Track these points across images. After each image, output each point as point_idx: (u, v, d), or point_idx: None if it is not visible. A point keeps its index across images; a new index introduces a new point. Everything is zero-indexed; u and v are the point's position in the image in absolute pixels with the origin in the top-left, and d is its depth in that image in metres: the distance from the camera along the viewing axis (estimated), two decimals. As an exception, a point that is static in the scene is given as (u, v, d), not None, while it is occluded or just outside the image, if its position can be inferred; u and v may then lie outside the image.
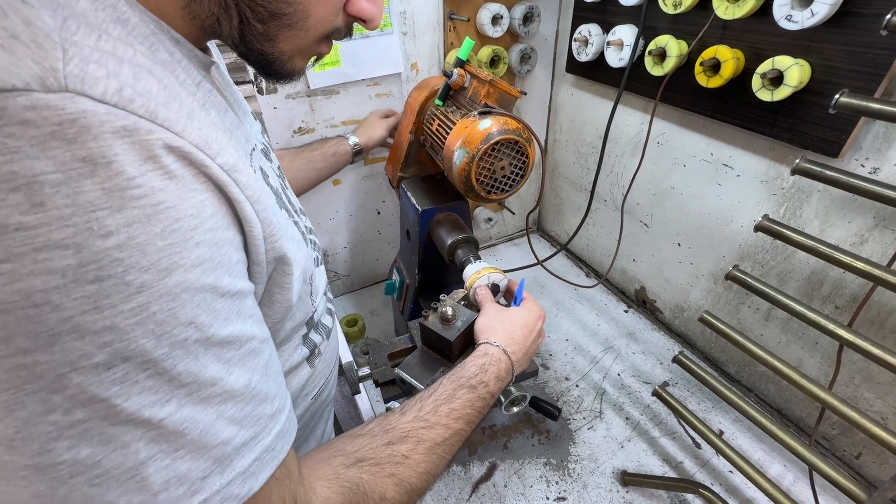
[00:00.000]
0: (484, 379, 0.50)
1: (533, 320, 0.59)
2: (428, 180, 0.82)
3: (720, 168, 0.80)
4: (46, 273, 0.21)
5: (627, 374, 0.93)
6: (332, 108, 0.93)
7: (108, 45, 0.24)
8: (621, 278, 1.13)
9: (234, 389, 0.28)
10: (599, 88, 1.00)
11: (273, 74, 0.38)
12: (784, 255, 0.74)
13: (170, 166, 0.25)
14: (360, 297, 1.21)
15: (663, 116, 0.86)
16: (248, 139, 0.39)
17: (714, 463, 0.77)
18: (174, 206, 0.25)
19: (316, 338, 0.49)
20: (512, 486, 0.76)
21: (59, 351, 0.22)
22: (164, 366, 0.25)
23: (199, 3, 0.31)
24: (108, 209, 0.22)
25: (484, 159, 0.61)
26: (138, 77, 0.25)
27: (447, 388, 0.47)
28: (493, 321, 0.57)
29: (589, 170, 1.11)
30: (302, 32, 0.35)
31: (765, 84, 0.61)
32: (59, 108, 0.21)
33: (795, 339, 0.77)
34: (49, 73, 0.21)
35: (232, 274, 0.29)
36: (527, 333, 0.57)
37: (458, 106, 0.69)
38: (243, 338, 0.29)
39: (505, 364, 0.53)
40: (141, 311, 0.23)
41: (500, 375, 0.52)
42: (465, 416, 0.46)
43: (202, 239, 0.26)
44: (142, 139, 0.23)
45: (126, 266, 0.23)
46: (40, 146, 0.20)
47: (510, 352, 0.54)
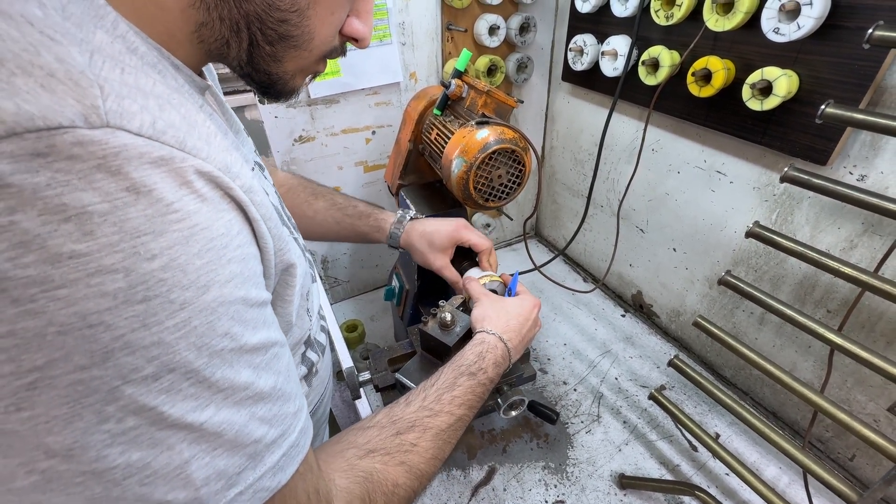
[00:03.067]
0: (482, 366, 0.52)
1: (528, 309, 0.61)
2: (427, 188, 0.83)
3: (713, 175, 0.81)
4: (99, 296, 0.22)
5: (625, 378, 0.94)
6: (332, 117, 0.94)
7: (131, 77, 0.25)
8: (618, 283, 1.15)
9: (263, 391, 0.30)
10: (595, 97, 1.02)
11: (274, 94, 0.40)
12: (776, 261, 0.75)
13: (201, 190, 0.26)
14: (359, 303, 1.22)
15: (657, 124, 0.88)
16: (247, 158, 0.40)
17: (711, 466, 0.78)
18: (208, 227, 0.26)
19: (312, 356, 0.50)
20: (511, 489, 0.76)
21: (112, 366, 0.23)
22: (204, 374, 0.27)
23: (211, 28, 0.32)
24: (152, 234, 0.24)
25: (481, 168, 0.62)
26: (163, 108, 0.26)
27: (448, 377, 0.49)
28: (488, 310, 0.59)
29: (585, 176, 1.13)
30: (306, 53, 0.37)
31: (754, 94, 0.63)
32: (102, 142, 0.22)
33: (789, 343, 0.78)
34: (91, 111, 0.22)
35: (258, 286, 0.31)
36: (522, 322, 0.59)
37: (455, 115, 0.71)
38: (269, 343, 0.31)
39: (501, 351, 0.55)
40: (184, 326, 0.25)
41: (498, 361, 0.54)
42: (466, 402, 0.48)
43: (233, 255, 0.28)
44: (176, 167, 0.25)
45: (170, 285, 0.25)
46: (87, 179, 0.22)
47: (506, 339, 0.56)
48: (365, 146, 1.01)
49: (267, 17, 0.33)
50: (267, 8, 0.32)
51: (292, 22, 0.34)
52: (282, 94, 0.40)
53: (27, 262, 0.21)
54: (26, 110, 0.20)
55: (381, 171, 1.06)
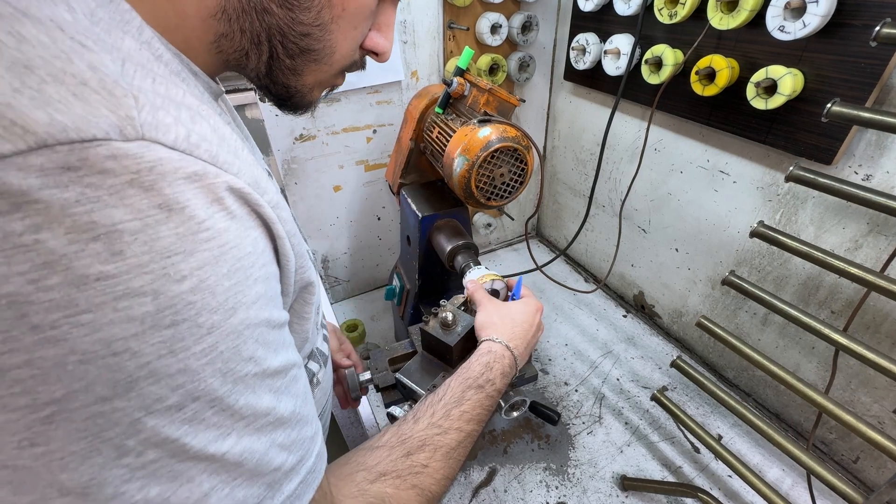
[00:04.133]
0: (490, 377, 0.50)
1: (532, 314, 0.60)
2: (428, 187, 0.83)
3: (716, 174, 0.81)
4: (126, 321, 0.21)
5: (626, 379, 0.94)
6: (333, 116, 0.94)
7: (162, 87, 0.24)
8: (620, 283, 1.14)
9: (283, 416, 0.29)
10: (597, 96, 1.01)
11: (291, 106, 0.39)
12: (780, 261, 0.75)
13: (231, 207, 0.25)
14: (360, 302, 1.21)
15: (660, 124, 0.88)
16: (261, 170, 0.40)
17: (713, 467, 0.77)
18: (237, 246, 0.25)
19: (314, 366, 0.49)
20: (512, 490, 0.76)
21: (135, 396, 0.22)
22: (227, 402, 0.25)
23: (231, 39, 0.31)
24: (182, 253, 0.23)
25: (483, 167, 0.62)
26: (194, 120, 0.25)
27: (456, 391, 0.48)
28: (492, 317, 0.58)
29: (587, 176, 1.12)
30: (326, 67, 0.36)
31: (759, 93, 0.62)
32: (137, 156, 0.21)
33: (792, 344, 0.78)
34: (126, 122, 0.21)
35: (279, 306, 0.30)
36: (527, 328, 0.58)
37: (457, 114, 0.70)
38: (289, 366, 0.30)
39: (509, 360, 0.53)
40: (210, 352, 0.24)
41: (505, 371, 0.52)
42: (475, 416, 0.47)
43: (259, 275, 0.27)
44: (210, 183, 0.24)
45: (199, 308, 0.23)
46: (119, 195, 0.21)
47: (512, 347, 0.54)
48: (366, 145, 1.01)
49: (289, 31, 0.32)
50: (290, 22, 0.32)
51: (315, 36, 0.33)
52: (299, 107, 0.39)
53: (51, 285, 0.19)
54: (59, 121, 0.19)
55: (382, 171, 1.06)
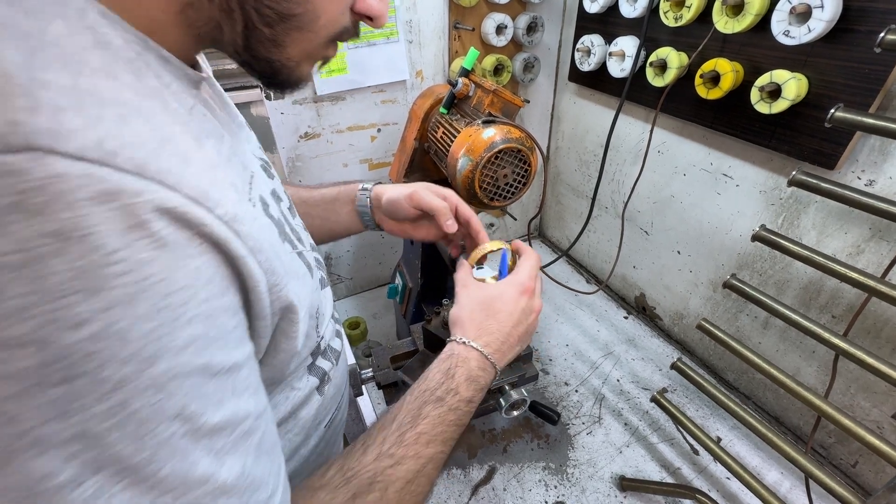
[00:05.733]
0: (451, 386, 0.42)
1: (513, 297, 0.47)
2: (432, 186, 0.83)
3: (719, 178, 0.81)
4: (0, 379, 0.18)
5: (626, 380, 0.94)
6: (338, 114, 0.94)
7: (87, 81, 0.20)
8: (621, 285, 1.14)
9: (226, 483, 0.24)
10: (601, 98, 1.02)
11: (280, 84, 0.34)
12: (782, 265, 0.75)
13: (161, 232, 0.21)
14: (362, 300, 1.22)
15: (664, 126, 0.88)
16: (246, 164, 0.34)
17: (712, 469, 0.78)
18: (164, 280, 0.21)
19: (325, 364, 0.45)
20: (511, 489, 0.76)
21: (13, 473, 0.18)
22: (145, 472, 0.21)
23: (199, 8, 0.28)
24: (81, 293, 0.19)
25: (487, 167, 0.62)
26: (125, 120, 0.21)
27: (411, 408, 0.40)
28: (462, 309, 0.48)
29: (590, 177, 1.13)
30: (312, 35, 0.31)
31: (763, 97, 0.62)
32: (22, 172, 0.17)
33: (793, 348, 0.78)
34: (9, 129, 0.17)
35: (227, 346, 0.25)
36: (505, 318, 0.47)
37: (462, 114, 0.71)
38: (237, 419, 0.26)
39: (476, 362, 0.44)
40: (119, 411, 0.20)
41: (473, 376, 0.44)
42: (438, 435, 0.39)
43: (196, 313, 0.23)
44: (128, 203, 0.20)
45: (102, 360, 0.19)
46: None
47: (481, 345, 0.45)
48: (370, 144, 1.01)
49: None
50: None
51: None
52: (288, 84, 0.34)
53: None
54: None
55: (387, 169, 1.06)
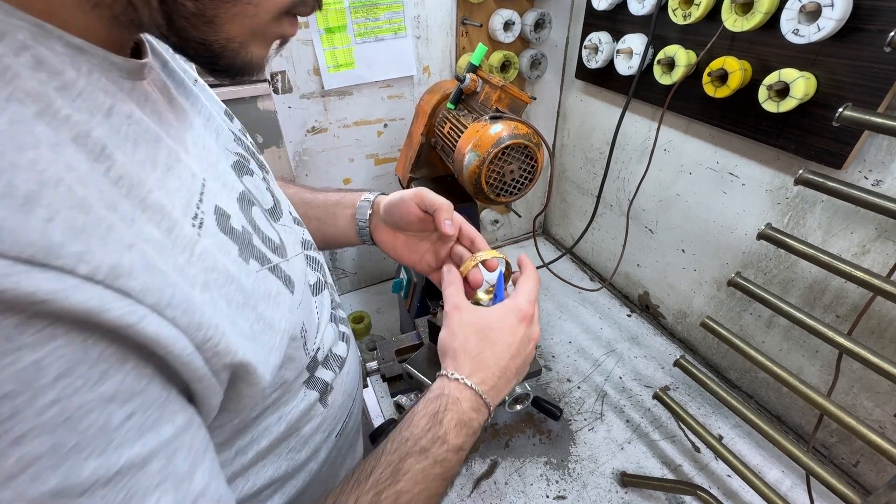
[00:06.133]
0: (438, 434, 0.37)
1: (511, 324, 0.42)
2: (438, 182, 0.83)
3: (725, 176, 0.81)
4: None
5: (629, 378, 0.94)
6: (345, 109, 0.95)
7: None
8: (625, 283, 1.15)
9: None
10: (608, 95, 1.02)
11: (225, 70, 0.29)
12: (787, 264, 0.75)
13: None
14: (366, 295, 1.23)
15: (670, 124, 0.88)
16: (196, 173, 0.29)
17: (713, 467, 0.78)
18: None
19: (326, 374, 0.42)
20: (513, 483, 0.77)
21: None
22: None
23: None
24: None
25: (494, 163, 0.63)
26: None
27: (391, 460, 0.36)
28: (454, 338, 0.41)
29: (596, 175, 1.13)
30: (251, 8, 0.27)
31: (771, 96, 0.62)
32: None
33: (796, 347, 0.78)
34: None
35: (111, 446, 0.20)
36: (503, 347, 0.41)
37: (469, 110, 0.71)
38: None
39: (469, 402, 0.38)
40: None
41: (464, 420, 0.38)
42: (421, 493, 0.35)
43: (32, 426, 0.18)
44: None
45: None
46: None
47: (476, 382, 0.39)
48: (377, 139, 1.01)
49: None
50: None
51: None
52: (234, 70, 0.29)
53: None
54: None
55: (392, 165, 1.07)
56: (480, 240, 0.51)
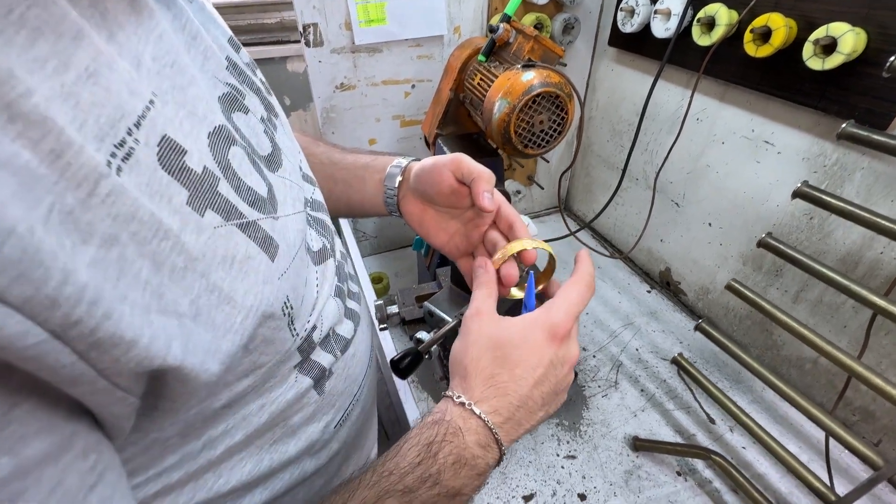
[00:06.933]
0: (430, 471, 0.30)
1: (537, 343, 0.33)
2: (464, 138, 0.83)
3: (760, 145, 0.79)
4: None
5: (646, 350, 0.94)
6: (374, 67, 0.95)
7: None
8: (647, 259, 1.13)
9: None
10: (641, 63, 0.99)
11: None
12: (819, 235, 0.73)
13: None
14: (385, 259, 1.24)
15: (705, 92, 0.86)
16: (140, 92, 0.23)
17: (727, 438, 0.77)
18: None
19: (324, 358, 0.36)
20: (523, 441, 0.77)
21: None
22: None
23: None
24: None
25: (524, 111, 0.62)
26: None
27: (367, 497, 0.30)
28: (467, 349, 0.34)
29: (623, 148, 1.11)
30: None
31: (816, 52, 0.60)
32: None
33: (823, 322, 0.76)
34: None
35: None
36: (525, 371, 0.32)
37: (500, 61, 0.70)
38: None
39: (475, 435, 0.31)
40: None
41: (466, 457, 0.31)
42: None
43: None
44: None
45: None
46: None
47: (486, 411, 0.31)
48: (403, 100, 1.02)
49: None
50: None
51: None
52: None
53: None
54: None
55: (417, 128, 1.07)
56: (521, 225, 0.43)
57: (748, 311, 0.89)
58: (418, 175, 0.46)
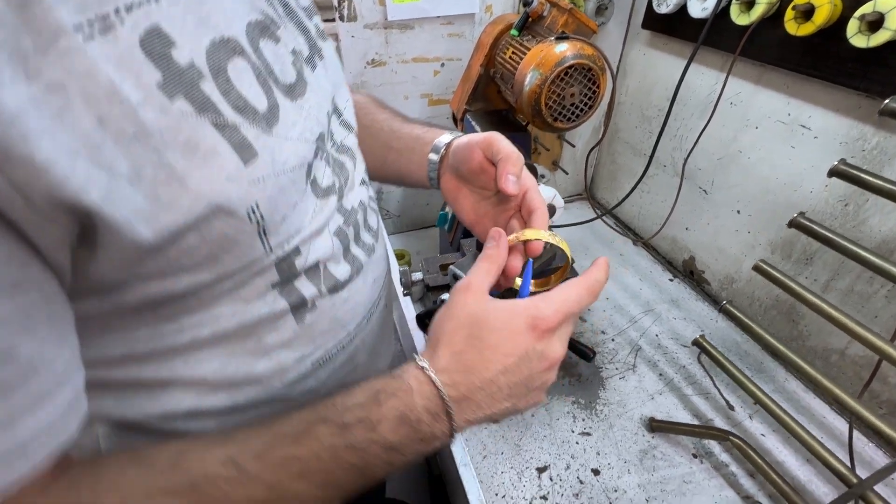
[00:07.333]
0: (371, 416, 0.30)
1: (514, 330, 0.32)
2: (493, 114, 0.84)
3: (796, 129, 0.77)
4: None
5: (666, 336, 0.93)
6: (405, 44, 0.96)
7: None
8: (671, 248, 1.12)
9: None
10: (675, 46, 0.98)
11: None
12: (854, 223, 0.71)
13: None
14: (408, 238, 1.25)
15: (740, 75, 0.84)
16: None
17: (746, 425, 0.76)
18: None
19: (306, 289, 0.36)
20: (539, 416, 0.78)
21: None
22: None
23: None
24: None
25: (555, 83, 0.62)
26: None
27: (303, 418, 0.31)
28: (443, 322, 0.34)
29: (651, 134, 1.09)
30: None
31: (861, 29, 0.59)
32: None
33: (853, 312, 0.74)
34: None
35: None
36: (495, 354, 0.32)
37: (533, 35, 0.71)
38: None
39: (425, 400, 0.31)
40: None
41: (411, 418, 0.30)
42: (317, 474, 0.29)
43: None
44: None
45: None
46: None
47: (444, 382, 0.31)
48: (432, 78, 1.02)
49: None
50: None
51: None
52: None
53: None
54: None
55: (445, 107, 1.07)
56: (541, 215, 0.41)
57: (773, 301, 0.88)
58: (454, 151, 0.47)
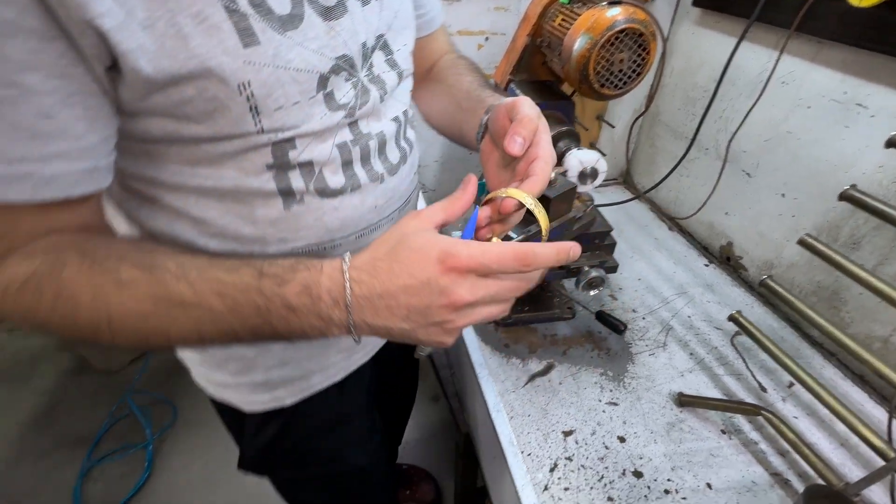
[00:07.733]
0: (282, 275, 0.34)
1: (424, 258, 0.33)
2: (537, 83, 0.84)
3: (851, 108, 0.75)
4: None
5: (698, 318, 0.92)
6: (451, 15, 0.97)
7: None
8: (708, 233, 1.10)
9: None
10: (726, 24, 0.96)
11: None
12: (908, 204, 0.69)
13: None
14: (440, 213, 1.27)
15: (794, 52, 0.82)
16: None
17: (779, 406, 0.75)
18: None
19: (295, 181, 0.41)
20: (567, 385, 0.79)
21: None
22: None
23: None
24: None
25: (605, 47, 0.63)
26: None
27: (241, 260, 0.35)
28: (383, 236, 0.36)
29: (694, 116, 1.07)
30: None
31: (932, -3, 0.57)
32: None
33: (901, 298, 0.72)
34: None
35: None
36: (402, 271, 0.33)
37: (584, 2, 0.71)
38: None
39: (330, 283, 0.34)
40: None
41: (314, 293, 0.34)
42: (229, 296, 0.33)
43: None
44: None
45: None
46: None
47: (353, 277, 0.34)
48: (476, 52, 1.03)
49: None
50: None
51: None
52: None
53: None
54: None
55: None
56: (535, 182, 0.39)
57: (814, 287, 0.86)
58: (490, 114, 0.48)
